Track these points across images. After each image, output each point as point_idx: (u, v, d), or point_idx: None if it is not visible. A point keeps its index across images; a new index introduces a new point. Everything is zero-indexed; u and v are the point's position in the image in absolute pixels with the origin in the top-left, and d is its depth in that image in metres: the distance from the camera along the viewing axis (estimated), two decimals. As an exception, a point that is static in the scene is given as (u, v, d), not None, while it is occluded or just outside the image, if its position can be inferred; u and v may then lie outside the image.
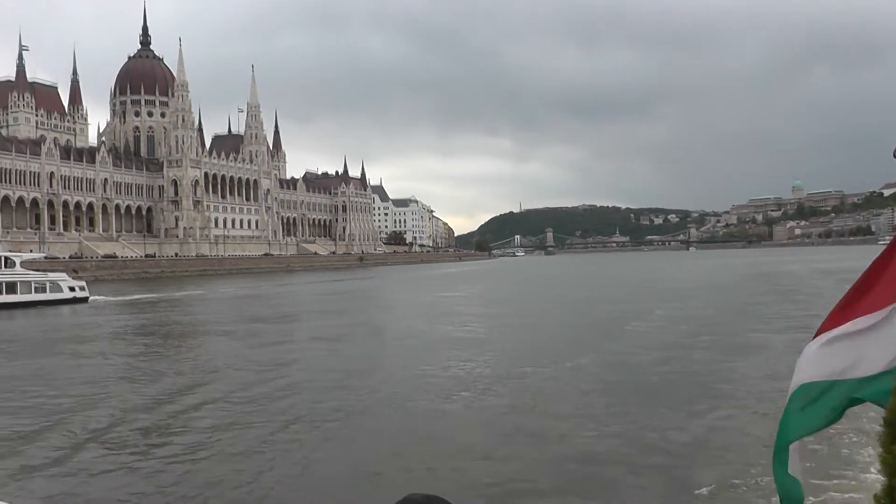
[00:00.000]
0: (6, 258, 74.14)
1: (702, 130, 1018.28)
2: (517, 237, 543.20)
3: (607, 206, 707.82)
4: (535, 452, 18.42)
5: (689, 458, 17.57)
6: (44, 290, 74.11)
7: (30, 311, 67.58)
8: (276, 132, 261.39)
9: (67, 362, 36.31)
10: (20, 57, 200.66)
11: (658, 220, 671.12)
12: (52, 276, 78.69)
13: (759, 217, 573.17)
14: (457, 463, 17.79)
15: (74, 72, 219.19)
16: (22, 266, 74.72)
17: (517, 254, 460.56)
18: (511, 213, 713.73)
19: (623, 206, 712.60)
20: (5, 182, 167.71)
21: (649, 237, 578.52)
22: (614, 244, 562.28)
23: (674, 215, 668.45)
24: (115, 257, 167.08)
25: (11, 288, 71.07)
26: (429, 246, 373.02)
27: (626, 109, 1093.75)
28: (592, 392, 25.78)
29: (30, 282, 73.65)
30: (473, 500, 15.07)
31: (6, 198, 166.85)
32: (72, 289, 77.02)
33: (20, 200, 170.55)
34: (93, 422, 22.46)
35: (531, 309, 63.58)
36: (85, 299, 77.23)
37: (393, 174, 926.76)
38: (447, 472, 17.18)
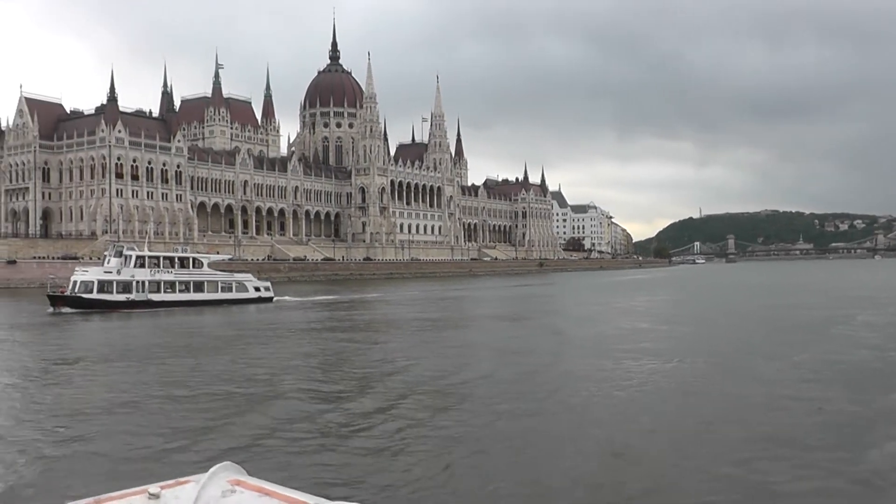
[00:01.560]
0: (194, 259, 75.04)
1: (893, 129, 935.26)
2: (696, 244, 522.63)
3: (790, 212, 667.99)
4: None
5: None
6: (230, 290, 73.57)
7: (217, 309, 67.69)
8: (459, 140, 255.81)
9: (250, 356, 36.08)
10: (216, 74, 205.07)
11: (843, 227, 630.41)
12: (238, 276, 78.03)
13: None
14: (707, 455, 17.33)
15: (268, 87, 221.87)
16: (209, 266, 74.84)
17: (697, 261, 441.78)
18: (690, 218, 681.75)
19: (807, 212, 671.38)
20: (203, 190, 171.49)
21: (834, 244, 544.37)
22: (797, 252, 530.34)
23: (860, 221, 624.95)
24: (333, 260, 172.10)
25: (199, 287, 71.18)
26: (607, 252, 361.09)
27: (812, 109, 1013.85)
28: (824, 383, 26.09)
29: (216, 281, 73.47)
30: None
31: (203, 204, 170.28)
32: (257, 289, 76.15)
33: (216, 206, 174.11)
34: (284, 409, 22.39)
35: (729, 313, 62.84)
36: (270, 299, 75.89)
37: (570, 179, 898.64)
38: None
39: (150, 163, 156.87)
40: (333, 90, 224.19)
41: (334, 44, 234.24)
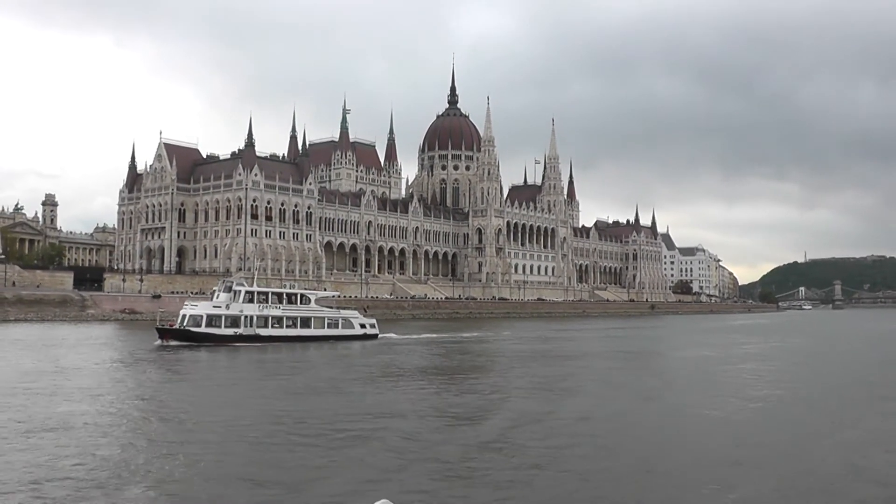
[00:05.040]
0: (302, 295, 73.46)
1: None
2: (801, 289, 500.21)
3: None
4: None
5: None
6: (336, 326, 71.93)
7: (323, 345, 66.15)
8: (571, 182, 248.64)
9: (363, 396, 35.90)
10: (344, 120, 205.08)
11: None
12: (345, 313, 76.19)
13: None
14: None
15: (391, 131, 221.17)
16: (317, 303, 73.02)
17: (804, 307, 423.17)
18: (795, 263, 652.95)
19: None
20: (330, 230, 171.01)
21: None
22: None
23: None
24: (431, 299, 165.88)
25: (306, 323, 69.80)
26: (715, 295, 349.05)
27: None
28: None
29: (323, 317, 71.75)
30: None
31: (329, 243, 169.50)
32: (362, 325, 74.55)
33: (341, 246, 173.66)
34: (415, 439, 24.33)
35: (870, 357, 63.62)
36: (375, 336, 74.35)
37: (676, 220, 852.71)
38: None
39: (283, 204, 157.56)
40: (452, 134, 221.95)
41: (453, 88, 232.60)
